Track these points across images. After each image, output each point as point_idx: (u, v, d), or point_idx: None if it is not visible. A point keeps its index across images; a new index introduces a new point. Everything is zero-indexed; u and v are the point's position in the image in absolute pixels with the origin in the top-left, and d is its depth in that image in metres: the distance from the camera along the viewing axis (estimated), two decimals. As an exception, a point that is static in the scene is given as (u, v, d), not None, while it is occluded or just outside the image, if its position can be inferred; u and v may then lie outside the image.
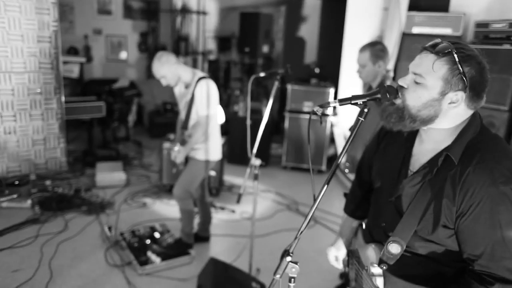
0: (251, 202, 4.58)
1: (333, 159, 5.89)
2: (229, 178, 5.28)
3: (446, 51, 1.19)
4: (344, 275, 3.15)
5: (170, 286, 3.02)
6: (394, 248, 1.32)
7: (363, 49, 2.73)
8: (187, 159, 3.38)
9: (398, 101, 1.30)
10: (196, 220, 3.72)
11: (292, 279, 1.44)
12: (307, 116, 5.63)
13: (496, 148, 1.24)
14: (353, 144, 2.87)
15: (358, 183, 1.78)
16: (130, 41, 8.22)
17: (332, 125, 5.68)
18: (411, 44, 5.53)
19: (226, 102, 8.00)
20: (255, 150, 2.79)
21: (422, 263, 1.34)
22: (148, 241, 3.49)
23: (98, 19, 7.76)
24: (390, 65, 5.72)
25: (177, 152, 3.21)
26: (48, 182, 4.60)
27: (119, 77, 7.82)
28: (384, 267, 1.35)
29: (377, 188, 1.54)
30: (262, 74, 2.78)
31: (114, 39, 8.14)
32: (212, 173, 4.60)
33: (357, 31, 6.11)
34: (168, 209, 4.33)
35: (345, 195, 1.94)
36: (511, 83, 4.77)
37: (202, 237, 3.63)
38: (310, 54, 9.42)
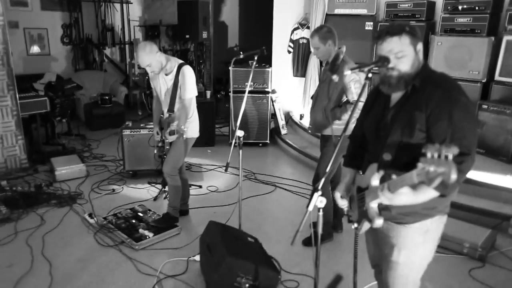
0: (215, 177, 5.00)
1: (274, 131, 6.44)
2: (186, 158, 5.57)
3: (400, 29, 1.77)
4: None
5: (167, 255, 3.33)
6: (387, 156, 1.86)
7: (312, 35, 3.26)
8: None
9: (394, 73, 1.81)
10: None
11: (320, 209, 1.89)
12: (249, 95, 6.08)
13: (440, 74, 1.85)
14: (315, 108, 3.41)
15: (353, 143, 2.27)
16: (51, 34, 7.91)
17: (273, 101, 6.21)
18: (334, 24, 6.21)
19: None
20: (238, 123, 3.21)
21: (403, 161, 1.88)
22: (134, 221, 3.73)
23: (12, 11, 7.34)
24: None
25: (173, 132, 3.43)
26: (3, 183, 4.52)
27: (44, 72, 7.54)
28: (381, 172, 1.86)
29: (369, 131, 2.06)
30: (241, 56, 3.18)
31: (33, 32, 7.78)
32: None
33: (284, 14, 6.66)
34: (137, 192, 4.55)
35: (343, 156, 2.42)
36: (419, 53, 5.66)
37: (182, 210, 3.95)
38: (233, 38, 9.83)
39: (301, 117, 6.53)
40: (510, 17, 4.71)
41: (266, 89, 6.06)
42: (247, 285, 2.66)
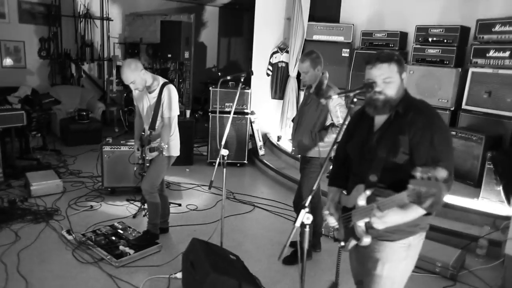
0: (193, 196, 5.02)
1: (252, 152, 6.54)
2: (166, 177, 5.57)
3: (389, 57, 1.92)
4: (295, 244, 3.80)
5: (147, 273, 3.32)
6: (373, 177, 1.98)
7: (303, 59, 3.39)
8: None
9: (381, 96, 1.95)
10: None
11: (307, 225, 1.98)
12: (229, 115, 6.18)
13: (420, 102, 2.01)
14: (299, 131, 3.53)
15: (337, 163, 2.39)
16: (28, 47, 7.83)
17: (251, 123, 6.33)
18: (312, 49, 6.44)
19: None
20: (223, 142, 3.30)
21: (388, 182, 2.00)
22: (113, 238, 3.71)
23: (-11, 23, 7.26)
24: (295, 68, 6.61)
25: (154, 149, 3.46)
26: (-25, 197, 4.41)
27: (18, 85, 7.43)
28: (368, 192, 1.99)
29: (353, 153, 2.19)
30: (228, 77, 3.29)
31: (9, 44, 7.68)
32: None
33: (264, 37, 6.86)
34: (116, 209, 4.52)
35: (327, 176, 2.54)
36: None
37: (163, 228, 3.95)
38: (211, 59, 9.98)
39: (279, 138, 6.68)
40: (475, 51, 5.05)
41: (245, 110, 6.19)
42: (230, 302, 2.69)
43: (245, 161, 6.32)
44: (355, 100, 1.99)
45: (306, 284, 3.27)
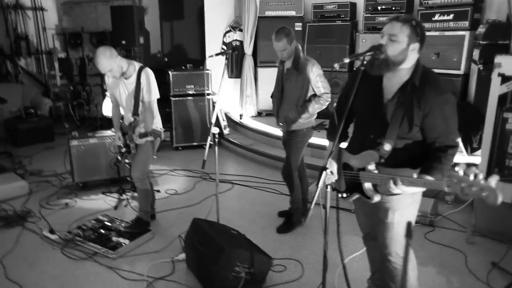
0: (169, 181, 4.96)
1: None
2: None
3: (408, 20, 2.01)
4: (285, 213, 3.92)
5: (148, 259, 3.28)
6: (387, 146, 2.11)
7: (279, 38, 3.39)
8: (127, 146, 3.60)
9: (382, 56, 2.06)
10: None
11: (329, 185, 2.06)
12: (189, 98, 6.11)
13: (434, 75, 2.13)
14: (284, 107, 3.59)
15: (338, 118, 2.50)
16: (-45, 44, 7.12)
17: (213, 103, 6.30)
18: (266, 25, 6.52)
19: (86, 100, 7.77)
20: (213, 120, 3.31)
21: (401, 154, 2.17)
22: (103, 231, 3.60)
23: None
24: (250, 46, 6.64)
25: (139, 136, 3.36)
26: None
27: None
28: (382, 161, 2.13)
29: (361, 113, 2.29)
30: (214, 55, 3.29)
31: None
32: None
33: (215, 17, 6.80)
34: (93, 204, 4.35)
35: (327, 130, 2.63)
36: (347, 51, 6.21)
37: (151, 215, 3.89)
38: (155, 45, 9.68)
39: (241, 116, 6.71)
40: (422, 16, 5.38)
41: (207, 91, 6.14)
42: (244, 272, 2.76)
43: (211, 142, 6.29)
44: (365, 62, 2.08)
45: (305, 247, 3.43)
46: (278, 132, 5.71)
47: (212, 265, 2.74)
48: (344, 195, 2.39)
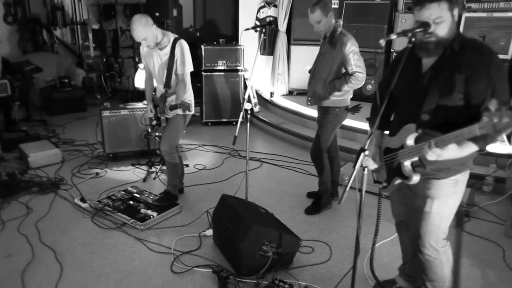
0: (198, 156, 4.95)
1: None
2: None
3: None
4: (313, 194, 3.85)
5: (175, 233, 3.29)
6: (425, 116, 1.99)
7: (313, 9, 3.28)
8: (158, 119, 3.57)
9: (432, 38, 1.91)
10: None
11: (366, 168, 1.97)
12: (221, 74, 6.04)
13: (475, 40, 1.99)
14: (313, 81, 3.49)
15: (380, 99, 2.38)
16: (-8, 12, 7.25)
17: (245, 80, 6.21)
18: (301, 2, 6.31)
19: (118, 72, 7.81)
20: (246, 96, 3.23)
21: (441, 125, 2.02)
22: (131, 202, 3.63)
23: None
24: (285, 22, 6.47)
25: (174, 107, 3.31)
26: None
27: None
28: (420, 131, 2.00)
29: (401, 95, 2.17)
30: (250, 28, 3.21)
31: (-29, 11, 7.08)
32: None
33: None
34: (123, 175, 4.40)
35: (367, 119, 2.51)
36: (385, 31, 5.97)
37: (179, 189, 3.89)
38: (188, 19, 9.60)
39: (271, 95, 6.61)
40: (468, -5, 5.08)
41: (239, 67, 6.05)
42: (272, 252, 2.72)
43: (242, 119, 6.23)
44: (413, 39, 1.95)
45: (334, 230, 3.36)
46: (308, 111, 5.60)
47: (239, 242, 2.71)
48: (385, 184, 2.29)
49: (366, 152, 1.93)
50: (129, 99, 6.83)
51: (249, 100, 6.40)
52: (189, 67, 3.43)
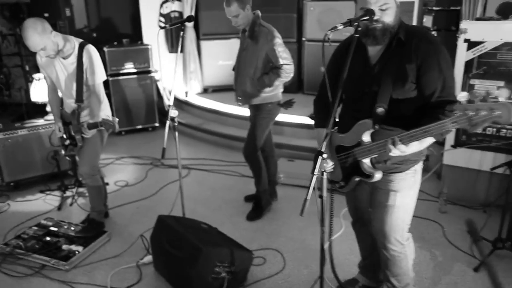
0: (116, 171, 4.48)
1: (161, 113, 6.03)
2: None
3: None
4: (251, 197, 3.66)
5: (108, 267, 2.88)
6: (380, 110, 1.90)
7: (228, 2, 3.03)
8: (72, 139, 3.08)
9: (379, 25, 1.82)
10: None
11: (324, 172, 1.82)
12: (130, 77, 5.54)
13: (418, 27, 1.96)
14: (240, 80, 3.28)
15: (323, 101, 2.24)
16: None
17: (156, 81, 5.78)
18: (208, -5, 6.03)
19: (5, 84, 6.82)
20: (171, 102, 2.91)
21: (396, 118, 1.95)
22: (48, 238, 3.11)
23: None
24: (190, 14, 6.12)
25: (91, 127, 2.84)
26: None
27: None
28: (376, 127, 1.92)
29: (348, 88, 2.05)
30: (168, 26, 2.89)
31: None
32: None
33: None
34: (31, 205, 3.78)
35: (311, 117, 2.36)
36: (294, 20, 5.96)
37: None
38: (80, 18, 8.76)
39: (186, 94, 6.26)
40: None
41: (149, 69, 5.61)
42: (225, 272, 2.48)
43: (157, 124, 5.83)
44: (359, 29, 1.83)
45: (280, 234, 3.22)
46: (228, 108, 5.39)
47: (188, 268, 2.43)
48: (342, 183, 2.18)
49: (325, 156, 1.78)
50: (24, 114, 5.98)
51: (161, 104, 6.02)
52: (101, 76, 3.01)
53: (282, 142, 4.61)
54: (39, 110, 4.79)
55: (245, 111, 3.81)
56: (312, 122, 2.36)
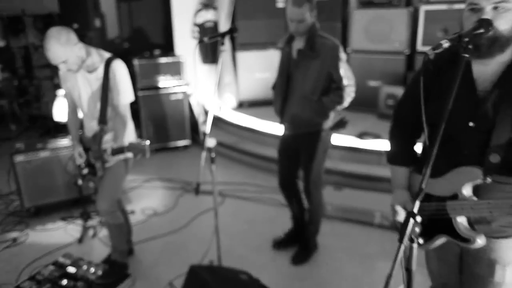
0: (143, 196, 4.09)
1: (196, 129, 5.63)
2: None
3: None
4: (292, 234, 3.16)
5: (130, 320, 2.46)
6: (495, 157, 1.40)
7: (299, 2, 2.50)
8: (92, 166, 2.69)
9: (489, 33, 1.32)
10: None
11: (416, 239, 1.34)
12: (163, 92, 5.18)
13: None
14: (292, 101, 2.78)
15: (403, 131, 1.76)
16: None
17: (188, 96, 5.39)
18: (243, 2, 5.63)
19: (35, 96, 6.64)
20: (207, 129, 2.47)
21: None
22: (65, 282, 2.71)
23: None
24: (226, 24, 5.74)
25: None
26: None
27: None
28: (489, 180, 1.41)
29: (450, 124, 1.55)
30: (206, 39, 2.45)
31: None
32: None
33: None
34: (50, 236, 3.43)
35: (388, 152, 1.87)
36: (338, 29, 5.46)
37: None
38: (113, 29, 8.57)
39: (220, 108, 5.84)
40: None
41: (181, 83, 5.23)
42: None
43: (187, 143, 5.42)
44: (470, 47, 1.33)
45: (331, 283, 2.71)
46: (266, 127, 4.93)
47: None
48: (421, 241, 1.67)
49: (418, 219, 1.29)
50: (52, 128, 5.72)
51: (193, 119, 5.62)
52: (129, 96, 2.61)
53: (328, 166, 4.10)
54: (66, 126, 4.50)
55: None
56: (363, 143, 1.89)
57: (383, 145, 4.13)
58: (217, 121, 5.77)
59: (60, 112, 4.16)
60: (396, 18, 4.91)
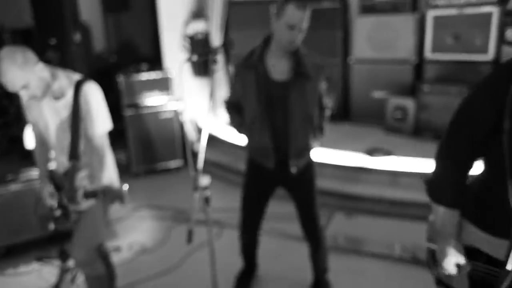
0: (131, 228, 3.65)
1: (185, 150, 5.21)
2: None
3: None
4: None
5: None
6: None
7: (303, 5, 2.03)
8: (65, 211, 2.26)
9: None
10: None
11: None
12: (151, 110, 4.76)
13: None
14: (292, 130, 2.26)
15: (457, 163, 1.37)
16: None
17: (178, 114, 4.98)
18: (236, 12, 5.30)
19: (15, 116, 6.18)
20: (200, 164, 2.05)
21: None
22: None
23: None
24: (218, 36, 5.37)
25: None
26: None
27: None
28: None
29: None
30: (194, 58, 2.04)
31: None
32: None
33: (172, 5, 5.45)
34: (24, 281, 2.98)
35: (427, 182, 1.47)
36: (338, 38, 5.12)
37: (110, 302, 2.59)
38: (99, 41, 8.16)
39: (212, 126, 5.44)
40: (432, -11, 4.38)
41: (172, 99, 4.82)
42: None
43: (178, 164, 4.99)
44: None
45: None
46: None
47: None
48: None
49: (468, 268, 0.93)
50: (30, 152, 5.25)
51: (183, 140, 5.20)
52: (105, 125, 2.20)
53: (335, 188, 3.72)
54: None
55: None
56: (373, 161, 1.53)
57: (396, 163, 3.75)
58: (211, 139, 5.36)
59: (31, 140, 3.71)
60: (402, 25, 4.58)
